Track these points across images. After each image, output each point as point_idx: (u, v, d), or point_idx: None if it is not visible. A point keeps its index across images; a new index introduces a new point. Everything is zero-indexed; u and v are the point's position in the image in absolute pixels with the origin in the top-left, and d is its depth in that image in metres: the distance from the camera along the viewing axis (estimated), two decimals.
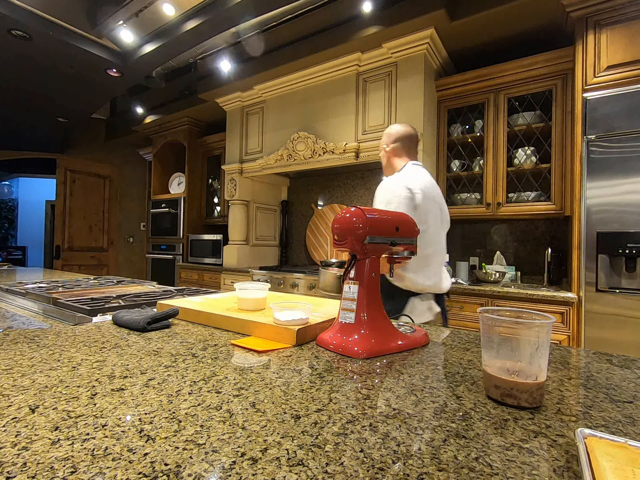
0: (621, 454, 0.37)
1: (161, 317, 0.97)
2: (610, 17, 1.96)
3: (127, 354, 0.74)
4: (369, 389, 0.59)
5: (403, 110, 2.59)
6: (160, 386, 0.58)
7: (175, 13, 2.42)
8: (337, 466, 0.38)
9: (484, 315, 0.57)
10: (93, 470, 0.36)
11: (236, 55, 3.31)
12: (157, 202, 4.55)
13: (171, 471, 0.36)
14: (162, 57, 2.88)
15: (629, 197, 1.84)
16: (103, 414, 0.48)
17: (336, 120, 2.90)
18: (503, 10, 2.24)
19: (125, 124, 4.86)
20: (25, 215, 7.72)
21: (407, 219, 0.93)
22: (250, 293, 1.05)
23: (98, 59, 2.84)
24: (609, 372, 0.70)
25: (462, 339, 0.93)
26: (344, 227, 0.82)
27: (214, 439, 0.43)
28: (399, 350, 0.81)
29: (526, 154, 2.44)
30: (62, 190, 4.88)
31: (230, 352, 0.77)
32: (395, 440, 0.44)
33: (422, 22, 2.39)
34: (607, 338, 1.87)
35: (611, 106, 1.91)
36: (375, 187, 3.36)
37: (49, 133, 4.61)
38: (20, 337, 0.85)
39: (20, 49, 2.74)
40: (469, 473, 0.37)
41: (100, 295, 1.36)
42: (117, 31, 2.63)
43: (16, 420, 0.46)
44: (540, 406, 0.54)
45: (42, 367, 0.66)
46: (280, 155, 3.14)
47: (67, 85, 3.34)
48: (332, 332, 0.83)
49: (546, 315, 0.56)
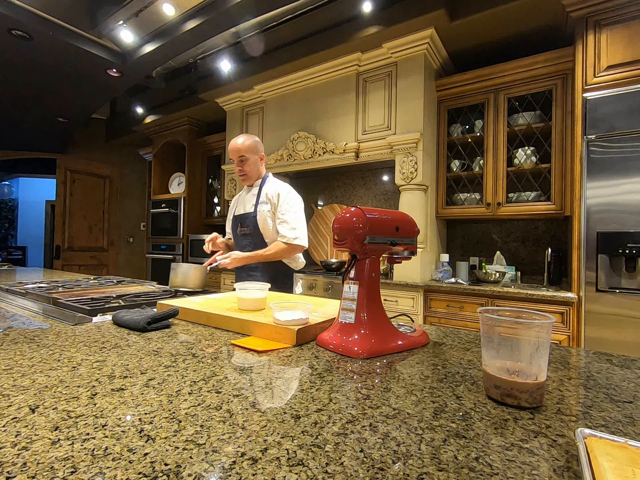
0: (621, 454, 0.37)
1: (161, 317, 0.97)
2: (610, 17, 1.96)
3: (127, 354, 0.74)
4: (369, 389, 0.59)
5: (403, 110, 2.59)
6: (160, 386, 0.58)
7: (175, 13, 2.42)
8: (337, 466, 0.38)
9: (484, 315, 0.57)
10: (93, 470, 0.36)
11: (236, 55, 3.31)
12: (157, 202, 4.55)
13: (171, 471, 0.36)
14: (162, 57, 2.88)
15: (629, 197, 1.84)
16: (103, 414, 0.48)
17: (336, 120, 2.90)
18: (503, 10, 2.24)
19: (125, 124, 4.86)
20: (25, 215, 7.72)
21: (407, 218, 0.93)
22: (250, 293, 1.05)
23: (98, 59, 2.83)
24: (609, 372, 0.70)
25: (462, 339, 0.93)
26: (344, 227, 0.82)
27: (214, 439, 0.43)
28: (399, 350, 0.81)
29: (526, 154, 2.44)
30: (62, 190, 4.89)
31: (230, 352, 0.77)
32: (395, 440, 0.44)
33: (422, 22, 2.39)
34: (607, 338, 1.87)
35: (611, 106, 1.91)
36: (375, 187, 3.39)
37: (49, 133, 4.61)
38: (20, 337, 0.85)
39: (20, 49, 2.74)
40: (469, 473, 0.37)
41: (100, 295, 1.36)
42: (117, 31, 2.63)
43: (16, 420, 0.46)
44: (540, 406, 0.54)
45: (42, 367, 0.66)
46: (280, 155, 3.14)
47: (67, 85, 3.34)
48: (332, 332, 0.83)
49: (546, 315, 0.56)
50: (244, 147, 1.73)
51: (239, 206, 1.86)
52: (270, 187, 1.77)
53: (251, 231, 1.73)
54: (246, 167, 1.76)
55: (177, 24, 2.51)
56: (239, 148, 1.73)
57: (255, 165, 1.78)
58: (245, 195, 1.85)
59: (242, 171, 1.77)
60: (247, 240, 1.76)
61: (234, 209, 1.90)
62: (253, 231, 1.73)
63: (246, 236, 1.76)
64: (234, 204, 1.93)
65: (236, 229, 1.80)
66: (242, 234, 1.77)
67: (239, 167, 1.77)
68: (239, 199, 1.91)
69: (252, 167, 1.77)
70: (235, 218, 1.83)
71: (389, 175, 3.25)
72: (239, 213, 1.82)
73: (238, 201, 1.90)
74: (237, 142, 1.74)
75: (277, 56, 3.07)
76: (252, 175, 1.78)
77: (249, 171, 1.77)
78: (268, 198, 1.73)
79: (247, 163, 1.75)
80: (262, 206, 1.72)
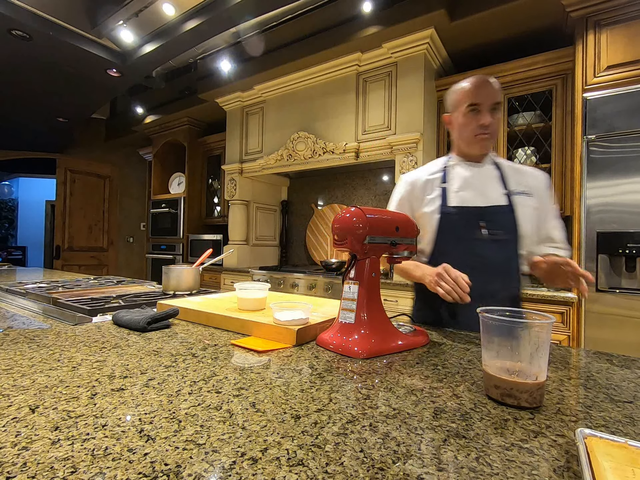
0: (621, 454, 0.37)
1: (161, 317, 0.97)
2: (610, 17, 1.96)
3: (127, 354, 0.74)
4: (369, 389, 0.59)
5: (403, 110, 2.59)
6: (160, 386, 0.58)
7: (175, 13, 2.42)
8: (337, 466, 0.38)
9: (484, 315, 0.57)
10: (93, 470, 0.36)
11: (236, 55, 3.31)
12: (157, 202, 4.55)
13: (171, 471, 0.36)
14: (162, 57, 2.88)
15: (629, 197, 1.84)
16: (103, 414, 0.48)
17: (336, 120, 2.90)
18: (503, 10, 2.24)
19: (125, 124, 4.86)
20: (25, 215, 7.72)
21: (407, 218, 0.93)
22: (250, 293, 1.05)
23: (98, 59, 2.83)
24: (609, 372, 0.70)
25: (462, 339, 0.93)
26: (344, 227, 0.82)
27: (214, 439, 0.43)
28: (399, 350, 0.81)
29: (526, 154, 2.44)
30: (62, 190, 4.88)
31: (230, 352, 0.77)
32: (395, 440, 0.44)
33: (422, 22, 2.39)
34: (607, 338, 1.87)
35: (611, 106, 1.91)
36: (375, 187, 3.39)
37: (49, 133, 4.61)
38: (20, 337, 0.85)
39: (20, 49, 2.74)
40: (469, 473, 0.37)
41: (100, 295, 1.36)
42: (117, 31, 2.63)
43: (16, 420, 0.46)
44: (540, 406, 0.54)
45: (42, 367, 0.66)
46: (280, 155, 3.14)
47: (67, 85, 3.34)
48: (332, 332, 0.83)
49: (546, 315, 0.56)
50: (499, 89, 1.09)
51: (467, 192, 1.12)
52: (518, 169, 1.15)
53: (506, 235, 1.08)
54: (496, 122, 1.09)
55: (177, 24, 2.51)
56: (495, 90, 1.08)
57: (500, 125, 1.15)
58: (467, 173, 1.14)
59: (488, 128, 1.07)
60: (495, 248, 1.08)
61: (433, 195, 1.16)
62: (509, 235, 1.08)
63: (497, 243, 1.08)
64: (423, 188, 1.19)
65: (471, 231, 1.10)
66: (492, 239, 1.08)
67: (487, 119, 1.06)
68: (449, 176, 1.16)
69: (499, 125, 1.16)
70: (468, 211, 1.11)
71: (389, 175, 3.25)
72: (475, 204, 1.11)
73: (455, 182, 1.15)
74: (486, 80, 1.08)
75: (277, 56, 3.07)
76: (495, 139, 1.15)
77: (497, 129, 1.11)
78: (528, 185, 1.11)
79: (498, 114, 1.10)
80: (522, 198, 1.09)
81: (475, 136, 1.10)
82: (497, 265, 1.08)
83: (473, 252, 1.08)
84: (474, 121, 1.08)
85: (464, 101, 1.09)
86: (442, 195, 1.15)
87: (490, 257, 1.08)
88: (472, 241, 1.09)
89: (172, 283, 1.48)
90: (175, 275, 1.48)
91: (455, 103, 1.14)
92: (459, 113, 1.12)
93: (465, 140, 1.13)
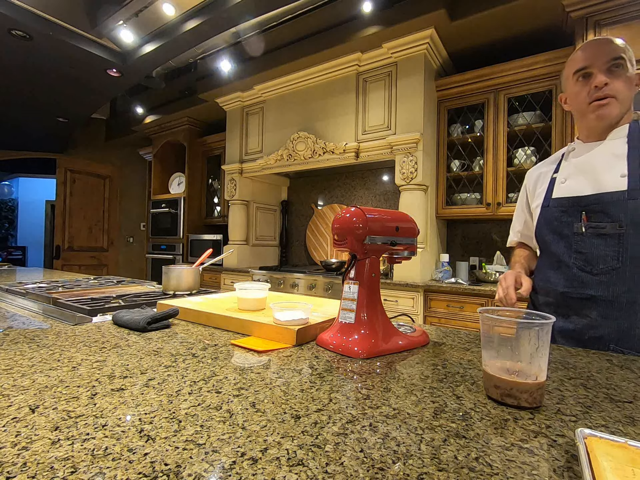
0: (621, 454, 0.37)
1: (161, 317, 0.97)
2: (610, 17, 1.96)
3: (127, 354, 0.74)
4: (369, 389, 0.59)
5: (403, 110, 2.59)
6: (160, 386, 0.58)
7: (175, 13, 2.42)
8: (337, 466, 0.38)
9: (484, 315, 0.57)
10: (93, 470, 0.36)
11: (236, 55, 3.31)
12: (157, 202, 4.55)
13: (171, 471, 0.36)
14: (162, 57, 2.88)
15: None
16: (103, 414, 0.48)
17: (336, 120, 2.90)
18: (503, 10, 2.24)
19: (125, 124, 4.86)
20: (25, 215, 7.72)
21: (407, 219, 0.93)
22: (250, 293, 1.05)
23: (98, 59, 2.83)
24: (609, 372, 0.70)
25: (462, 339, 0.93)
26: (344, 227, 0.82)
27: (214, 439, 0.43)
28: (399, 350, 0.81)
29: (526, 154, 2.44)
30: (62, 190, 4.88)
31: (230, 352, 0.77)
32: (395, 440, 0.44)
33: (422, 22, 2.39)
34: None
35: None
36: (375, 187, 3.39)
37: (49, 133, 4.61)
38: (20, 337, 0.85)
39: (20, 49, 2.74)
40: (469, 473, 0.37)
41: (100, 295, 1.36)
42: (117, 31, 2.63)
43: (16, 420, 0.46)
44: (540, 406, 0.54)
45: (42, 367, 0.66)
46: (280, 155, 3.14)
47: (67, 85, 3.34)
48: (332, 332, 0.83)
49: (546, 315, 0.56)
50: (619, 44, 0.89)
51: (575, 180, 0.96)
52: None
53: (621, 229, 0.87)
54: (620, 82, 0.88)
55: (177, 24, 2.51)
56: (611, 45, 0.89)
57: (630, 89, 0.90)
58: (580, 158, 0.97)
59: (604, 89, 0.88)
60: (603, 245, 0.89)
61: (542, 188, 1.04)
62: (627, 229, 0.86)
63: (603, 238, 0.89)
64: (536, 181, 1.08)
65: (571, 225, 0.94)
66: (596, 233, 0.90)
67: (600, 79, 0.88)
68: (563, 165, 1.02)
69: (628, 90, 0.89)
70: (568, 203, 0.95)
71: (389, 175, 3.25)
72: (579, 193, 0.94)
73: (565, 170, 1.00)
74: (598, 39, 0.93)
75: (277, 56, 3.07)
76: (625, 104, 0.90)
77: (621, 90, 0.88)
78: None
79: (622, 71, 0.88)
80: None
81: (590, 104, 0.89)
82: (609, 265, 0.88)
83: (574, 250, 0.93)
84: (585, 87, 0.90)
85: (572, 68, 0.94)
86: (548, 187, 1.02)
87: (592, 254, 0.90)
88: (571, 237, 0.94)
89: (172, 283, 1.48)
90: (175, 275, 1.48)
91: (565, 76, 0.99)
92: (569, 86, 0.96)
93: (579, 113, 0.95)
